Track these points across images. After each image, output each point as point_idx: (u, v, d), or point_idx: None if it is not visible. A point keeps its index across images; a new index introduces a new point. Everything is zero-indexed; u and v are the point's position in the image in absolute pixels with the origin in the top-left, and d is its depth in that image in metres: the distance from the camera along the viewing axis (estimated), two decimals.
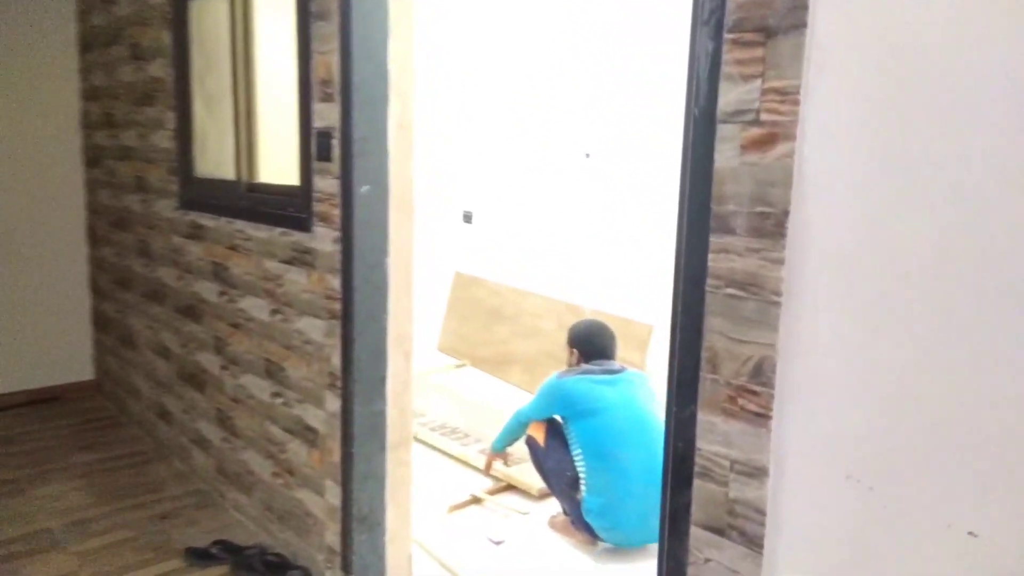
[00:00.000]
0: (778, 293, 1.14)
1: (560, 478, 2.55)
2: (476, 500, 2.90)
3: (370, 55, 2.00)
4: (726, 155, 1.20)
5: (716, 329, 1.23)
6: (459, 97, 5.18)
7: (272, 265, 2.41)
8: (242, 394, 2.63)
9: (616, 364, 2.62)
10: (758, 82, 1.14)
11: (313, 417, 2.27)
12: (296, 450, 2.36)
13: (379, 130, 2.05)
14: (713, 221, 1.22)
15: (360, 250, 2.06)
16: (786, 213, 1.12)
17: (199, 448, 2.96)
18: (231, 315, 2.67)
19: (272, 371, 2.47)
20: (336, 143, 2.06)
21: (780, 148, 1.12)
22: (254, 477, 2.59)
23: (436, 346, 5.13)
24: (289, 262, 2.33)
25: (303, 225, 2.23)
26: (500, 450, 2.87)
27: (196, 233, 2.84)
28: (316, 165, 2.16)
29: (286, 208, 2.31)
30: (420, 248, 5.12)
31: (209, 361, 2.84)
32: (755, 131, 1.15)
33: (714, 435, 1.25)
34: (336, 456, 2.16)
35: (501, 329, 4.55)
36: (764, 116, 1.14)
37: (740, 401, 1.21)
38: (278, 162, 2.45)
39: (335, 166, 2.08)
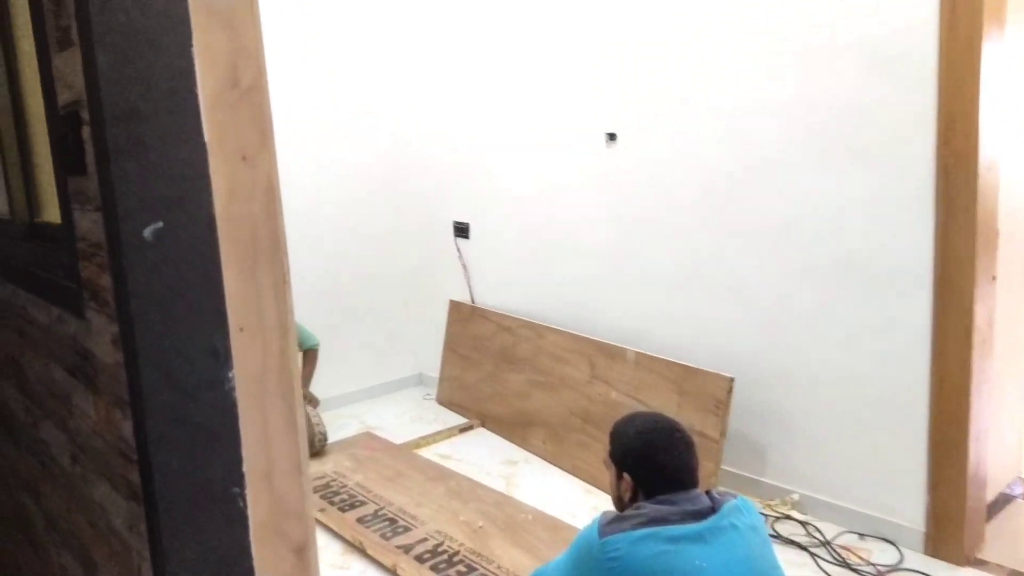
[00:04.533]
0: None
1: None
2: None
3: None
4: None
5: None
6: (448, 85, 4.04)
7: (59, 375, 1.31)
8: None
9: (701, 496, 1.47)
10: None
11: None
12: None
13: (170, 95, 0.93)
14: None
15: (154, 359, 0.94)
16: None
17: None
18: (37, 448, 1.58)
19: (85, 560, 1.36)
20: (88, 134, 0.95)
21: None
22: None
23: (435, 398, 4.00)
24: (72, 373, 1.23)
25: (75, 305, 1.12)
26: None
27: None
28: (71, 183, 1.04)
29: (55, 269, 1.20)
30: (405, 270, 3.99)
31: (31, 509, 1.75)
32: None
33: None
34: None
35: (515, 377, 3.41)
36: None
37: None
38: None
39: (92, 182, 0.96)
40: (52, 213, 1.39)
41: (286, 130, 3.71)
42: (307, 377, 3.50)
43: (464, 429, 3.56)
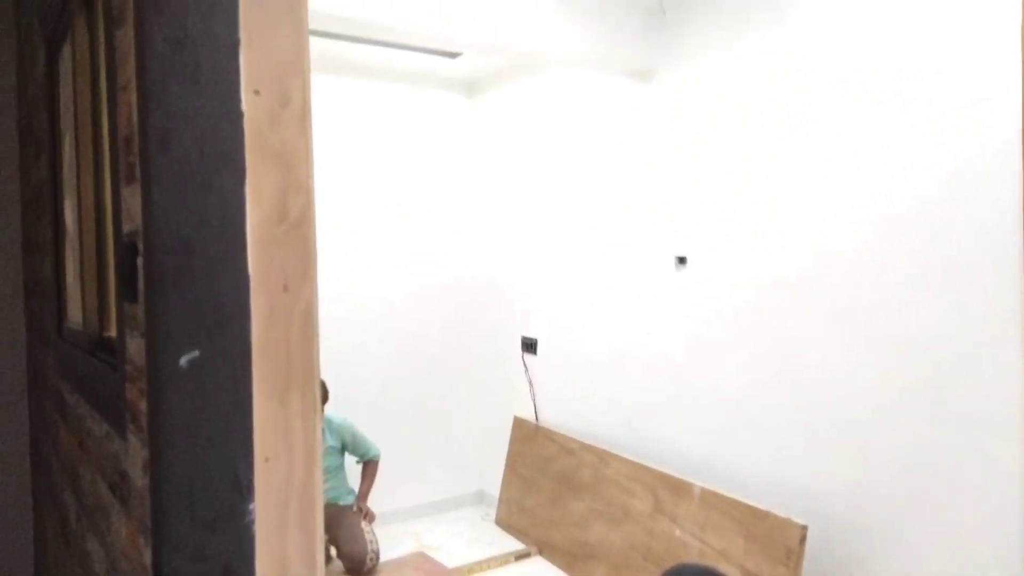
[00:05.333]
0: None
1: None
2: None
3: (194, 77, 0.94)
4: None
5: None
6: (519, 204, 4.16)
7: (103, 490, 1.33)
8: None
9: None
10: None
11: None
12: None
13: (219, 229, 0.96)
14: None
15: (178, 489, 0.94)
16: None
17: None
18: (83, 557, 1.59)
19: None
20: (141, 261, 1.00)
21: None
22: None
23: (494, 519, 3.88)
24: (113, 490, 1.24)
25: (120, 425, 1.15)
26: None
27: (63, 410, 1.83)
28: (125, 309, 1.09)
29: (110, 385, 1.24)
30: (471, 384, 3.97)
31: None
32: None
33: None
34: None
35: (577, 504, 3.28)
36: None
37: None
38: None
39: (140, 309, 1.00)
40: (115, 330, 1.46)
41: (362, 252, 3.87)
42: (365, 492, 3.46)
43: (521, 556, 3.41)
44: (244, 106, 0.98)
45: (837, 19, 2.54)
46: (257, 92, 0.99)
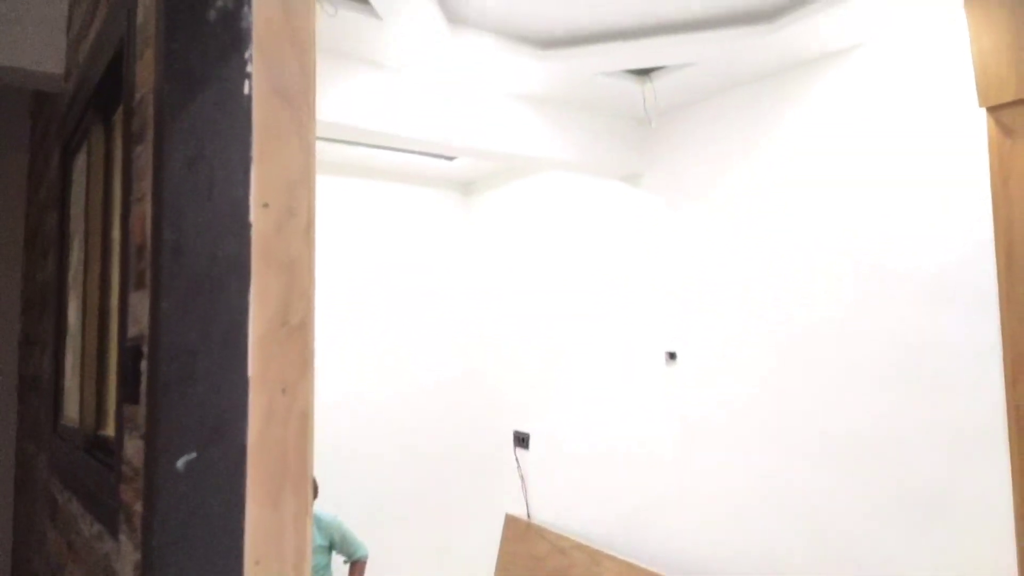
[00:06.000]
0: None
1: None
2: None
3: (208, 192, 1.01)
4: None
5: None
6: (512, 300, 4.23)
7: None
8: None
9: None
10: None
11: None
12: None
13: (223, 335, 1.01)
14: None
15: None
16: None
17: None
18: None
19: None
20: (144, 367, 1.03)
21: None
22: None
23: None
24: None
25: (112, 525, 1.15)
26: None
27: (53, 511, 1.81)
28: (125, 410, 1.12)
29: (104, 485, 1.25)
30: (463, 479, 3.92)
31: None
32: None
33: None
34: None
35: None
36: None
37: None
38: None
39: (141, 411, 1.03)
40: (112, 429, 1.47)
41: (355, 347, 3.91)
42: None
43: None
44: (252, 218, 1.04)
45: (806, 128, 2.69)
46: (266, 205, 1.06)
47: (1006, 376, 2.06)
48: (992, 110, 2.02)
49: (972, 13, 2.07)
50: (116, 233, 1.52)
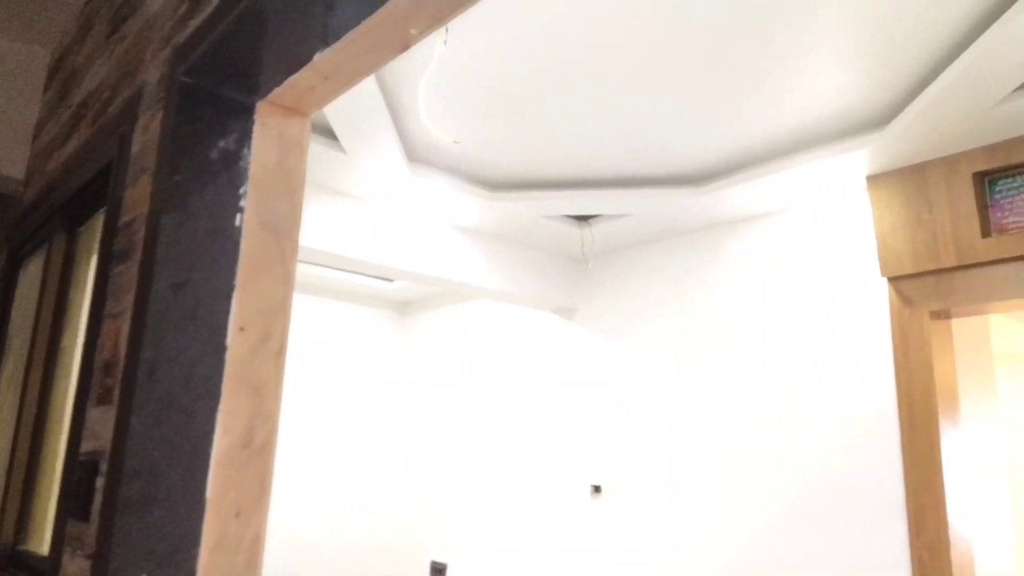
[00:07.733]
0: None
1: None
2: None
3: (191, 316, 1.05)
4: None
5: None
6: (429, 427, 4.23)
7: None
8: None
9: None
10: None
11: None
12: None
13: (189, 456, 1.02)
14: None
15: None
16: None
17: None
18: None
19: None
20: (101, 484, 1.03)
21: None
22: None
23: None
24: None
25: None
26: None
27: None
28: (69, 528, 1.09)
29: None
30: None
31: None
32: None
33: None
34: None
35: None
36: None
37: None
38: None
39: (92, 529, 1.01)
40: (37, 543, 1.41)
41: (287, 473, 3.79)
42: None
43: None
44: (229, 341, 1.08)
45: (733, 281, 2.92)
46: (242, 329, 1.11)
47: (910, 527, 2.20)
48: (892, 280, 2.27)
49: (874, 195, 2.36)
50: (67, 343, 1.51)
